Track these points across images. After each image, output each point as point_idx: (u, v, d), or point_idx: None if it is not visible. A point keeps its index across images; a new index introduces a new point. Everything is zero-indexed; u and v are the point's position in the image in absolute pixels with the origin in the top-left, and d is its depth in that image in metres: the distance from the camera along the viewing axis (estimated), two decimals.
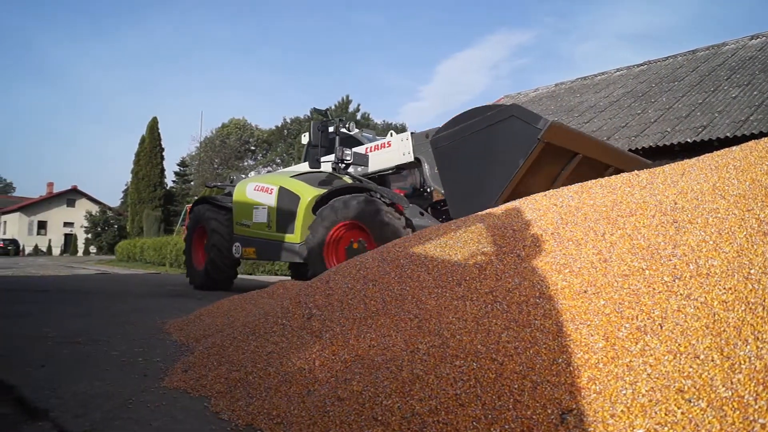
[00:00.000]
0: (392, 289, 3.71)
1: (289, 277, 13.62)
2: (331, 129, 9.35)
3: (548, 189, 5.39)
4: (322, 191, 8.68)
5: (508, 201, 5.79)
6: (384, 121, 54.23)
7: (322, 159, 9.01)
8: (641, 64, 25.20)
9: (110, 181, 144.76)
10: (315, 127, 9.15)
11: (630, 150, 16.54)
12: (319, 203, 8.40)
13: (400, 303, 3.51)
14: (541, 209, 4.31)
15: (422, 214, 7.76)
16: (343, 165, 8.66)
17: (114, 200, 63.40)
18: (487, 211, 4.87)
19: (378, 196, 7.86)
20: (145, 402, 3.05)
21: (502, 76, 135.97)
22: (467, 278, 3.53)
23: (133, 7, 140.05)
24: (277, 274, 17.92)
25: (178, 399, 3.13)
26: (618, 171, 6.80)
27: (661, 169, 4.23)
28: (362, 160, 8.80)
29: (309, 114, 51.73)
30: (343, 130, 9.53)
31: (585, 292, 2.94)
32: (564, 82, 28.19)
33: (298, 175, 9.76)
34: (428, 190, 9.49)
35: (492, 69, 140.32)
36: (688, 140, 15.13)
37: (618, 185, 4.17)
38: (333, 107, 45.27)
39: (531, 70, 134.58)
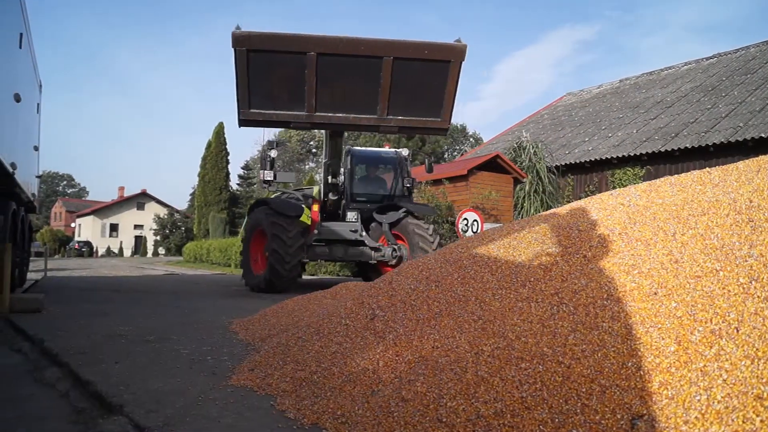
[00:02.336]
0: (455, 291, 3.69)
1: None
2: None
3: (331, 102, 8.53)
4: None
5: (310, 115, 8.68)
6: None
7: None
8: (711, 57, 24.32)
9: (178, 185, 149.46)
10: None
11: (700, 147, 16.01)
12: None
13: (464, 304, 3.50)
14: (608, 209, 4.21)
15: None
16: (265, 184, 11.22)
17: (181, 203, 65.43)
18: (552, 211, 4.79)
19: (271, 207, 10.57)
20: (214, 399, 3.13)
21: (565, 73, 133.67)
22: (532, 279, 3.48)
23: (199, 17, 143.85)
24: (338, 275, 18.07)
25: (246, 397, 3.20)
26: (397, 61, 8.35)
27: (735, 166, 4.07)
28: (287, 177, 11.83)
29: None
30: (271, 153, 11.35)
31: (655, 294, 2.86)
32: (629, 77, 27.48)
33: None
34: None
35: (555, 66, 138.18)
36: (763, 135, 14.51)
37: (689, 183, 4.04)
38: None
39: (594, 67, 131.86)
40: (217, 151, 41.02)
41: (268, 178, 10.70)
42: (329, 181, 11.06)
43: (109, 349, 4.53)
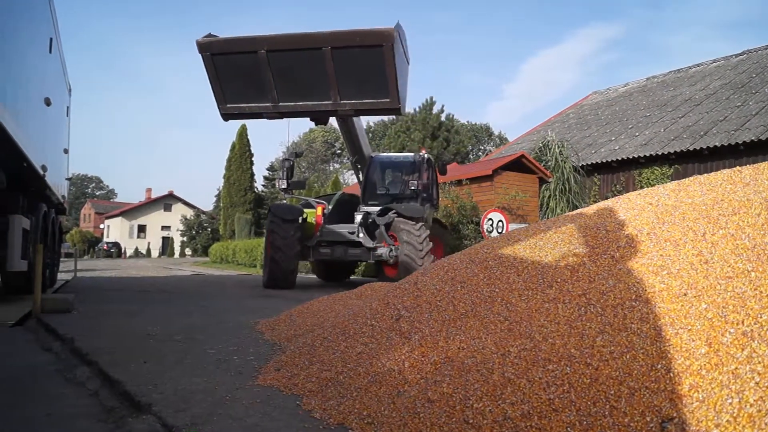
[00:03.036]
0: (481, 291, 3.67)
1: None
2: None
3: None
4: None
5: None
6: (468, 121, 53.80)
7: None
8: (740, 54, 23.90)
9: (204, 186, 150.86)
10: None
11: (730, 145, 15.75)
12: None
13: (489, 305, 3.48)
14: (636, 208, 4.16)
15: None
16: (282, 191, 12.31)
17: (207, 204, 65.86)
18: (578, 211, 4.75)
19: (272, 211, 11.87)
20: (240, 399, 3.15)
21: (591, 72, 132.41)
22: (559, 280, 3.45)
23: (224, 20, 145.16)
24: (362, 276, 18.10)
25: (272, 397, 3.21)
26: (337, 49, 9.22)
27: (766, 165, 4.00)
28: (299, 185, 12.97)
29: (394, 117, 51.99)
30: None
31: (685, 294, 2.82)
32: (656, 75, 27.13)
33: None
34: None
35: (579, 65, 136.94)
36: None
37: (719, 182, 3.98)
38: (416, 110, 45.21)
39: (620, 65, 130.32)
40: (241, 152, 41.36)
41: (283, 186, 12.06)
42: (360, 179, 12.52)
43: (137, 348, 4.59)
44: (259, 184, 47.92)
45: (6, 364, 4.30)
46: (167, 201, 70.38)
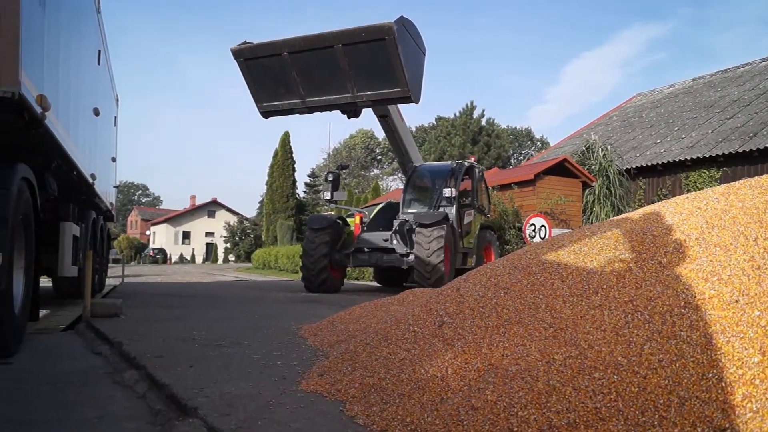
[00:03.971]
0: (525, 298, 3.64)
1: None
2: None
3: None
4: None
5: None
6: (509, 125, 53.39)
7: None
8: None
9: (247, 193, 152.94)
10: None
11: None
12: None
13: (534, 312, 3.44)
14: (683, 213, 4.07)
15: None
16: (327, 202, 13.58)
17: (250, 211, 66.88)
18: (624, 215, 4.67)
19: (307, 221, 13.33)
20: (284, 404, 3.17)
21: (635, 73, 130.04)
22: (604, 286, 3.39)
23: (266, 29, 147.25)
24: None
25: (315, 402, 3.23)
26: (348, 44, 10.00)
27: None
28: (340, 196, 13.36)
29: (434, 122, 51.93)
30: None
31: (736, 302, 2.74)
32: (702, 76, 26.49)
33: None
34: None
35: (623, 66, 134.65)
36: None
37: None
38: (456, 115, 45.09)
39: (666, 66, 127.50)
40: (283, 159, 41.79)
41: (327, 197, 13.20)
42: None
43: (183, 352, 4.67)
44: (300, 190, 48.33)
45: (58, 367, 4.42)
46: (211, 208, 71.61)
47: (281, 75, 10.89)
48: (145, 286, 15.08)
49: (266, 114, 11.66)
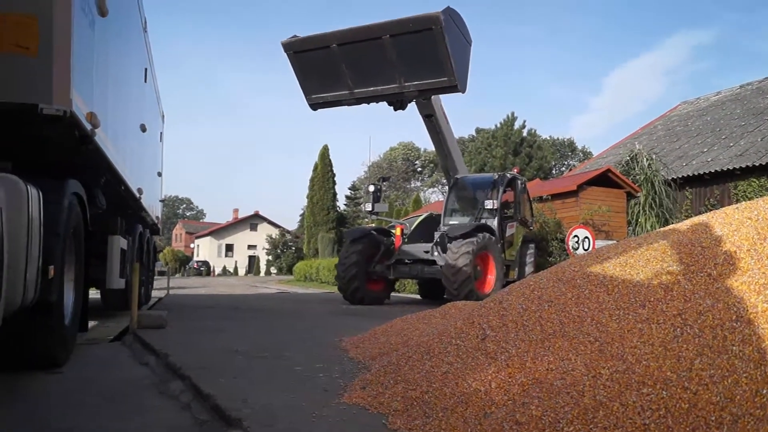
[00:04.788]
0: (569, 311, 3.58)
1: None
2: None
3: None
4: None
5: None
6: (550, 136, 52.85)
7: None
8: None
9: (288, 206, 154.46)
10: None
11: None
12: None
13: (579, 325, 3.38)
14: (733, 223, 3.96)
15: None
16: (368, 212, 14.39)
17: (292, 224, 67.39)
18: (671, 226, 4.57)
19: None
20: (326, 416, 3.18)
21: (680, 81, 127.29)
22: (652, 299, 3.32)
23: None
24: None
25: (358, 415, 3.23)
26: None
27: None
28: (381, 207, 13.85)
29: (474, 134, 51.77)
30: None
31: None
32: (751, 82, 25.81)
33: None
34: None
35: (668, 74, 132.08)
36: None
37: None
38: (497, 126, 44.86)
39: (711, 73, 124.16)
40: (323, 172, 42.07)
41: (368, 209, 13.75)
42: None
43: (227, 364, 4.73)
44: (341, 203, 48.62)
45: (106, 377, 4.51)
46: (253, 221, 72.54)
47: (330, 67, 11.05)
48: (189, 298, 15.33)
49: (315, 106, 11.89)
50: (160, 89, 12.47)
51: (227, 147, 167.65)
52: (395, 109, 11.91)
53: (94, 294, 8.37)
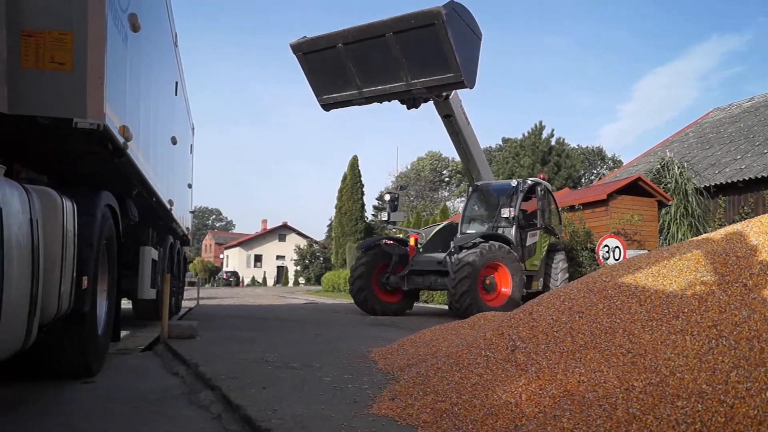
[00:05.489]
0: (601, 322, 3.53)
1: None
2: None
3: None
4: None
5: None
6: (578, 145, 52.39)
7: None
8: None
9: (316, 217, 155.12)
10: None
11: None
12: None
13: (611, 336, 3.33)
14: None
15: None
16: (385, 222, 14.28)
17: (320, 234, 67.66)
18: (704, 236, 4.49)
19: None
20: (356, 427, 3.17)
21: (712, 87, 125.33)
22: (686, 310, 3.26)
23: None
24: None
25: (387, 426, 3.21)
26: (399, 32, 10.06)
27: None
28: (397, 216, 13.85)
29: (501, 143, 51.54)
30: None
31: None
32: None
33: None
34: None
35: (700, 81, 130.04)
36: None
37: None
38: (525, 135, 44.62)
39: (744, 78, 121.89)
40: (352, 183, 42.21)
41: (385, 218, 13.99)
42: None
43: (256, 374, 4.75)
44: (369, 213, 48.69)
45: (138, 386, 4.56)
46: (282, 231, 73.04)
47: (338, 66, 11.08)
48: (219, 308, 15.46)
49: (326, 107, 11.91)
50: (190, 101, 12.65)
51: (257, 158, 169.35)
52: (408, 108, 11.88)
53: (125, 304, 8.49)
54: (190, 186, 13.34)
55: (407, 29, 10.03)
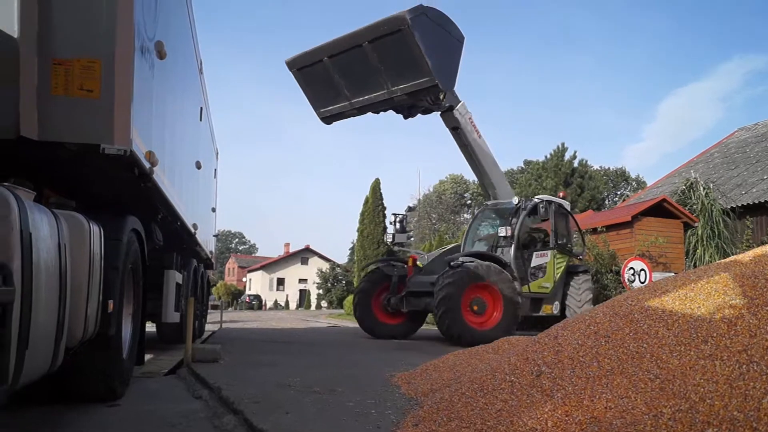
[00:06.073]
0: (628, 346, 3.48)
1: None
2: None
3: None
4: None
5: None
6: (601, 166, 52.02)
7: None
8: None
9: (339, 240, 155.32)
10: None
11: None
12: None
13: (638, 362, 3.28)
14: None
15: None
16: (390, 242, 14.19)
17: (342, 257, 67.73)
18: (732, 258, 4.42)
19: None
20: None
21: (736, 107, 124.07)
22: (715, 335, 3.20)
23: None
24: None
25: None
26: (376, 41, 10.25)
27: None
28: (401, 238, 13.52)
29: (523, 165, 51.41)
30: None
31: None
32: None
33: None
34: None
35: (723, 101, 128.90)
36: None
37: None
38: (547, 157, 44.45)
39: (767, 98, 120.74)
40: (374, 206, 42.23)
41: (389, 240, 14.02)
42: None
43: (279, 398, 4.74)
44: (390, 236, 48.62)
45: (162, 410, 4.57)
46: (304, 255, 73.30)
47: (328, 79, 11.30)
48: (242, 331, 15.48)
49: (326, 120, 12.10)
50: (214, 126, 12.82)
51: (280, 182, 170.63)
52: (405, 117, 11.95)
53: (149, 327, 8.55)
54: (214, 210, 13.46)
55: (380, 36, 10.22)
